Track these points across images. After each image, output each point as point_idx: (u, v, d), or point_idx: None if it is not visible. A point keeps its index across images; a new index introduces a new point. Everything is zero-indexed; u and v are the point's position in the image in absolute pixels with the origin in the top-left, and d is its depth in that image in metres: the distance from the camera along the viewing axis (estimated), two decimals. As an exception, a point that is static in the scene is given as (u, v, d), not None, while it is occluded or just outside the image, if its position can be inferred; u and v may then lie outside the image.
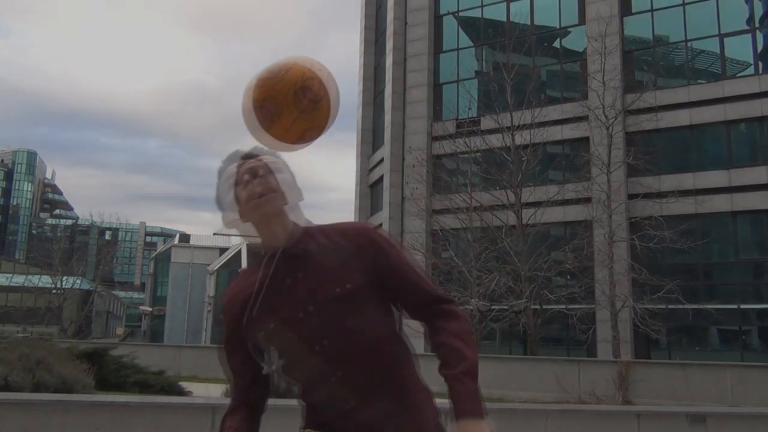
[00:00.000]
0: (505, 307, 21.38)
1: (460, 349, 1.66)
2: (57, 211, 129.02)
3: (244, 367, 1.75)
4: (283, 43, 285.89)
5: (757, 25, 25.39)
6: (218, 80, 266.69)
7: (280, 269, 1.67)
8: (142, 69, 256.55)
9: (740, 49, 25.56)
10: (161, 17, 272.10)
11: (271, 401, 1.87)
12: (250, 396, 1.78)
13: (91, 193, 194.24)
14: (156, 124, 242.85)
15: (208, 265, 49.98)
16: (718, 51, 25.72)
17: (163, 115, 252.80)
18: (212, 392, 12.86)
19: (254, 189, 1.66)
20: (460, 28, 31.65)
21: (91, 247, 75.93)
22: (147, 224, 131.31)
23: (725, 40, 25.33)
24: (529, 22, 28.93)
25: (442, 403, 1.73)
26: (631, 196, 24.40)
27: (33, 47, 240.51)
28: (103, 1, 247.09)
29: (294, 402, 1.93)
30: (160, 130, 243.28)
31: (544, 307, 22.02)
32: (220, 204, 1.73)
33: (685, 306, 21.53)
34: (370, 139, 35.07)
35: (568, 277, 24.26)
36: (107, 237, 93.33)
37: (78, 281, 46.74)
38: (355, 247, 1.69)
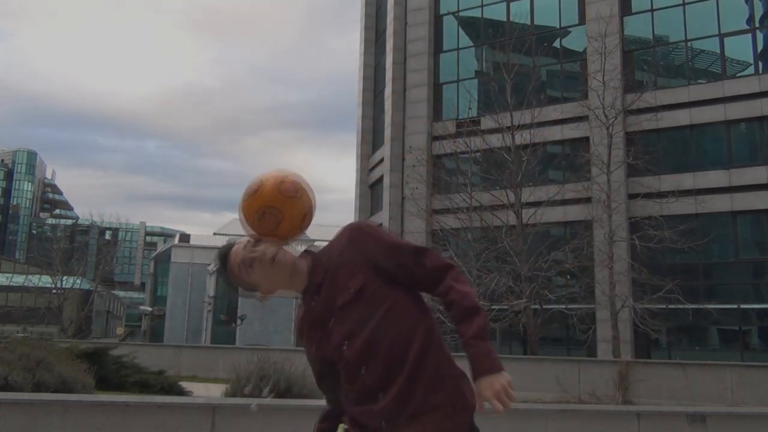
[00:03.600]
0: (505, 307, 21.36)
1: (469, 309, 1.82)
2: (57, 211, 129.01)
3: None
4: (281, 44, 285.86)
5: (757, 25, 25.38)
6: (215, 81, 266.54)
7: (307, 300, 1.95)
8: (140, 70, 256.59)
9: (740, 49, 25.55)
10: (159, 19, 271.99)
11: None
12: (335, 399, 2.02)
13: (91, 193, 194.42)
14: (154, 125, 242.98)
15: (208, 265, 49.98)
16: (718, 51, 25.71)
17: (161, 116, 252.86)
18: (212, 392, 12.87)
19: (254, 267, 1.89)
20: (460, 28, 31.64)
21: (91, 247, 75.91)
22: (147, 224, 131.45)
23: (725, 40, 25.32)
24: (529, 22, 28.92)
25: None
26: (631, 196, 24.41)
27: (33, 49, 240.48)
28: (101, 3, 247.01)
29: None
30: (159, 131, 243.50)
31: (544, 307, 22.00)
32: (248, 290, 1.98)
33: (685, 306, 21.51)
34: (370, 139, 35.07)
35: (568, 277, 24.24)
36: (107, 237, 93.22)
37: (78, 281, 46.70)
38: (351, 244, 1.90)
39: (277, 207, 1.87)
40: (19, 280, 49.59)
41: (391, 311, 1.83)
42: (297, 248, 2.01)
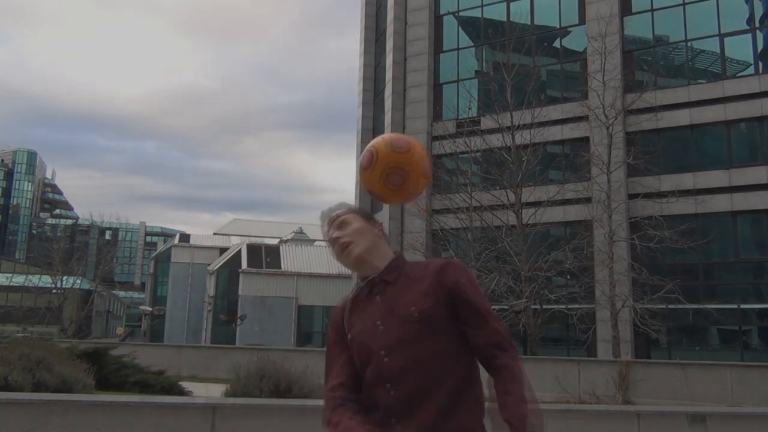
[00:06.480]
0: (505, 307, 21.36)
1: (526, 402, 1.87)
2: (57, 211, 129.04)
3: (344, 368, 1.99)
4: (280, 44, 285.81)
5: (757, 25, 25.38)
6: (214, 82, 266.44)
7: (366, 291, 2.02)
8: (140, 71, 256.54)
9: (740, 49, 25.55)
10: (157, 20, 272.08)
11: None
12: (350, 393, 1.96)
13: (91, 193, 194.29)
14: (154, 125, 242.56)
15: (208, 265, 49.96)
16: (718, 51, 25.71)
17: (160, 116, 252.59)
18: (212, 392, 12.88)
19: (335, 240, 2.05)
20: (460, 28, 31.64)
21: (91, 247, 75.95)
22: (147, 224, 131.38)
23: (725, 39, 25.32)
24: (529, 22, 28.92)
25: None
26: (631, 196, 24.40)
27: (33, 51, 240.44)
28: (100, 5, 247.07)
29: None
30: (158, 132, 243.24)
31: (544, 306, 22.00)
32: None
33: (685, 306, 21.52)
34: (370, 139, 34.40)
35: (568, 276, 24.24)
36: (107, 237, 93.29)
37: (78, 281, 46.69)
38: (435, 276, 1.95)
39: (398, 165, 1.97)
40: (19, 280, 49.61)
41: (438, 347, 1.87)
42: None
